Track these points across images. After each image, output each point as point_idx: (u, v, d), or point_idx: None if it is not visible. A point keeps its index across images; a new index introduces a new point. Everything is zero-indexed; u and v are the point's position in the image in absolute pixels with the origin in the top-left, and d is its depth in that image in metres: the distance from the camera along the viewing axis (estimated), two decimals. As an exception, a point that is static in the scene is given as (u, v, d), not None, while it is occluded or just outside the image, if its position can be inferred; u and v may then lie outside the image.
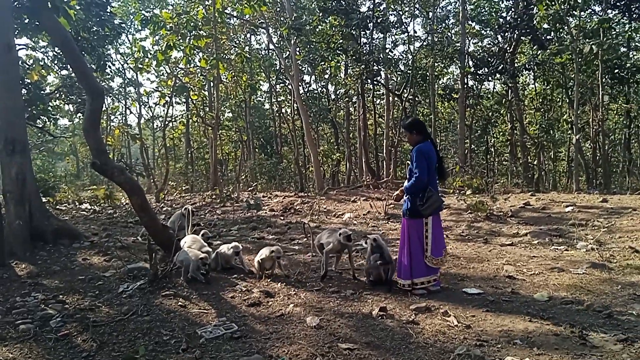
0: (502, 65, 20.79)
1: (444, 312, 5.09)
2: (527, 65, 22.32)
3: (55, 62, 16.41)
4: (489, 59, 21.11)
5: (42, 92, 15.68)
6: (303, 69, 25.88)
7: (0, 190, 7.97)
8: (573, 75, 22.11)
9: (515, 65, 21.97)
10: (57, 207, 15.29)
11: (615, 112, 26.13)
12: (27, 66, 14.55)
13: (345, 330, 4.81)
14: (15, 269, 7.34)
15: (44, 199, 14.38)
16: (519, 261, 7.05)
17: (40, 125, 16.37)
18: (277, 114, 31.56)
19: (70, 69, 16.78)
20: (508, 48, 21.84)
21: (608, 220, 9.29)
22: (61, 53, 13.46)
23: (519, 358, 4.00)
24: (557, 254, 7.38)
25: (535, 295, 5.52)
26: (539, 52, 20.88)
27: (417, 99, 26.98)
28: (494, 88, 28.31)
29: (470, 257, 7.44)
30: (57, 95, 18.86)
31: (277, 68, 27.82)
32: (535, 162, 26.22)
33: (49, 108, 16.28)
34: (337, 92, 30.01)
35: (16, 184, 8.17)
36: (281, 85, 30.84)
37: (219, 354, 4.33)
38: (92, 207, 15.69)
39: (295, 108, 26.23)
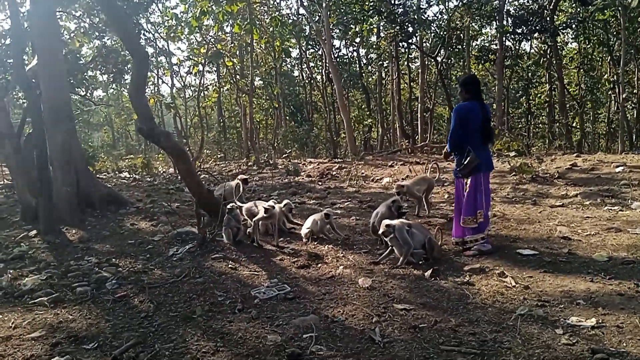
0: (541, 24, 20.01)
1: (499, 273, 4.99)
2: (567, 23, 21.44)
3: (90, 31, 16.50)
4: (529, 17, 20.30)
5: (79, 62, 15.82)
6: (334, 33, 25.43)
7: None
8: (616, 33, 21.20)
9: (555, 23, 21.11)
10: (98, 176, 15.55)
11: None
12: (66, 36, 14.65)
13: (399, 291, 4.77)
14: (66, 234, 7.52)
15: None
16: (572, 222, 6.84)
17: (82, 94, 16.57)
18: (307, 81, 31.26)
19: (105, 37, 16.94)
20: (548, 5, 20.98)
21: (662, 180, 8.96)
22: (97, 20, 13.50)
23: (584, 318, 3.89)
24: (612, 215, 7.13)
25: (593, 256, 5.36)
26: (581, 8, 19.98)
27: (450, 61, 26.29)
28: (530, 48, 27.42)
29: (520, 219, 7.26)
30: (92, 65, 19.03)
31: (307, 34, 27.42)
32: (576, 124, 25.46)
33: (87, 78, 16.45)
34: (369, 57, 29.47)
35: (62, 152, 8.30)
36: (311, 51, 30.46)
37: (275, 314, 4.34)
38: (132, 175, 15.94)
39: (326, 74, 25.89)
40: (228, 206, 6.69)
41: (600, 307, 4.09)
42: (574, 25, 21.81)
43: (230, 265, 5.74)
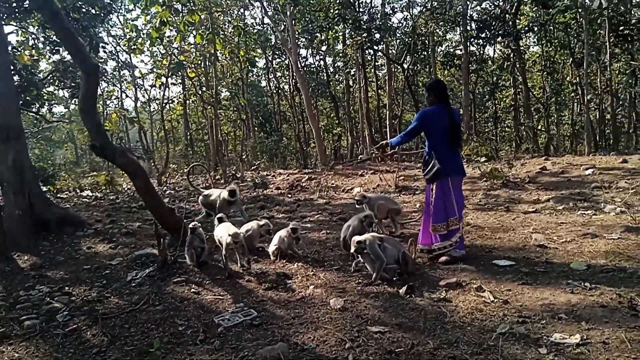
0: (504, 28, 20.22)
1: (477, 287, 4.75)
2: (529, 26, 21.74)
3: (47, 47, 15.90)
4: (491, 22, 20.48)
5: (34, 77, 15.17)
6: (300, 42, 25.28)
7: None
8: (576, 35, 21.57)
9: (518, 27, 21.39)
10: (58, 195, 14.92)
11: (617, 71, 25.55)
12: (17, 51, 14.02)
13: (373, 311, 4.48)
14: (17, 261, 7.00)
15: (44, 188, 14.06)
16: (547, 229, 6.69)
17: (35, 111, 15.89)
18: (275, 91, 30.99)
19: (62, 51, 16.32)
20: (510, 10, 21.21)
21: (632, 182, 8.91)
22: (52, 33, 12.99)
23: (568, 334, 3.67)
24: (586, 219, 7.01)
25: (572, 265, 5.18)
26: (542, 12, 20.26)
27: (416, 67, 26.40)
28: (494, 52, 27.76)
29: (494, 227, 7.09)
30: (51, 80, 18.37)
31: (273, 43, 27.21)
32: (541, 127, 25.77)
33: (43, 94, 15.79)
34: (336, 65, 29.41)
35: (13, 173, 7.81)
36: (278, 61, 30.26)
37: (240, 344, 4.01)
38: (94, 194, 15.31)
39: (294, 83, 25.69)
40: (190, 225, 6.32)
41: (583, 321, 3.88)
42: (535, 29, 22.13)
43: (193, 290, 5.36)
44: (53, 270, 6.55)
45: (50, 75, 18.03)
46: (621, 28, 19.94)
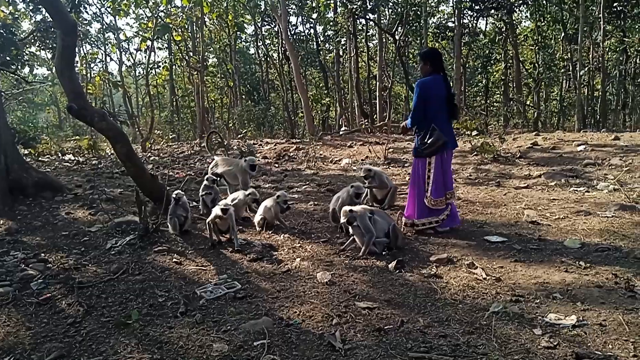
0: (497, 1, 19.94)
1: (468, 263, 4.61)
2: (523, 0, 21.47)
3: (31, 7, 15.36)
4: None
5: (14, 37, 14.61)
6: (290, 9, 24.70)
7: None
8: (570, 9, 21.36)
9: (511, 0, 21.11)
10: (39, 159, 14.54)
11: (608, 48, 25.45)
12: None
13: (361, 286, 4.33)
14: (-9, 225, 6.74)
15: (25, 151, 13.67)
16: (539, 205, 6.57)
17: (13, 71, 15.34)
18: (263, 59, 30.43)
19: (45, 11, 15.74)
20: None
21: (625, 159, 8.82)
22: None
23: (564, 315, 3.54)
24: (579, 196, 6.90)
25: (565, 242, 5.05)
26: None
27: (407, 39, 26.02)
28: (486, 25, 27.48)
29: (485, 202, 6.95)
30: (32, 40, 17.75)
31: (263, 10, 26.58)
32: (529, 102, 25.69)
33: (23, 54, 15.26)
34: (326, 34, 28.92)
35: (-12, 135, 7.47)
36: (267, 28, 29.65)
37: (223, 317, 3.83)
38: (76, 158, 14.96)
39: (283, 51, 25.19)
40: (174, 194, 6.09)
41: (578, 302, 3.75)
42: (529, 2, 21.88)
43: (174, 259, 5.17)
44: (29, 235, 6.30)
45: (32, 36, 17.44)
46: (615, 4, 19.79)
